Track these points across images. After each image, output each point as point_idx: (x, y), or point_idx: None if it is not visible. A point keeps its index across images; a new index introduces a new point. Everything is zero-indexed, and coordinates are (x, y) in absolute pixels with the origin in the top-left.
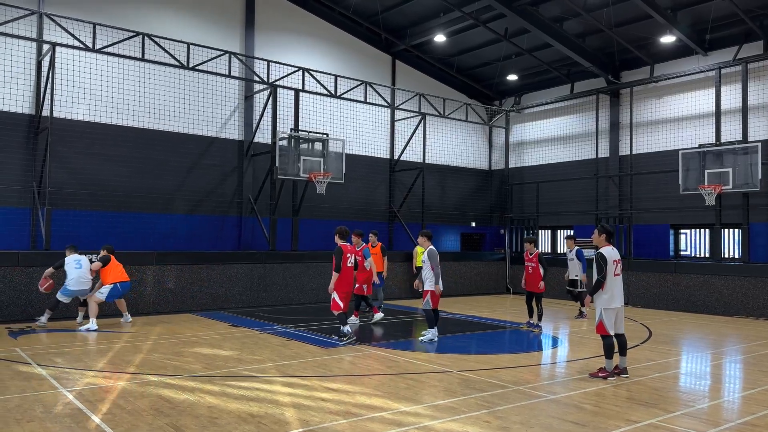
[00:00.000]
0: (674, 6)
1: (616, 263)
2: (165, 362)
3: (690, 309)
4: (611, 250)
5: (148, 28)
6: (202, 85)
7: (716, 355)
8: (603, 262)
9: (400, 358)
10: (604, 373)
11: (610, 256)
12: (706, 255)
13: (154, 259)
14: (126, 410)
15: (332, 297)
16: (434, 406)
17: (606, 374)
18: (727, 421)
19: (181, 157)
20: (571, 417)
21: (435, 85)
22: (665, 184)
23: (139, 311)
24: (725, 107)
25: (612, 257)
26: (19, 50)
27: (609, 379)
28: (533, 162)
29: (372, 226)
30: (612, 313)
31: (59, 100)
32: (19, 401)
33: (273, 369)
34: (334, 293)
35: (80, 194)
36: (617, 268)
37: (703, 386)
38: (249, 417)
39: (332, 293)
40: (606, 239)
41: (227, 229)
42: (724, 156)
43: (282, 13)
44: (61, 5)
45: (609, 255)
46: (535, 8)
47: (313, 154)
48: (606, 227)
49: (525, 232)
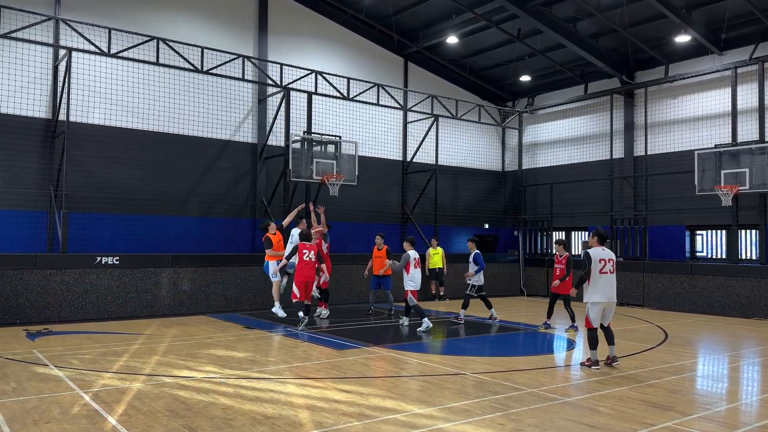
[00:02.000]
0: (689, 5)
1: (603, 262)
2: (180, 364)
3: (706, 311)
4: (600, 251)
5: (162, 33)
6: (215, 88)
7: (733, 357)
8: (588, 260)
9: (414, 360)
10: (588, 362)
11: (596, 255)
12: (722, 256)
13: (169, 261)
14: (141, 411)
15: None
16: (448, 409)
17: (590, 363)
18: (744, 425)
19: (196, 160)
20: (586, 420)
21: (447, 86)
22: (681, 185)
23: (154, 313)
24: (741, 107)
25: (598, 256)
26: (35, 55)
27: (593, 368)
28: (547, 163)
29: (384, 228)
30: (597, 307)
31: (75, 104)
32: (37, 402)
33: (287, 371)
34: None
35: (96, 197)
36: (605, 267)
37: (720, 389)
38: (263, 418)
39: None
40: (598, 241)
41: (241, 231)
42: (741, 156)
43: (294, 16)
44: (77, 11)
45: (595, 254)
46: (548, 9)
47: (326, 157)
48: (600, 231)
49: (539, 233)
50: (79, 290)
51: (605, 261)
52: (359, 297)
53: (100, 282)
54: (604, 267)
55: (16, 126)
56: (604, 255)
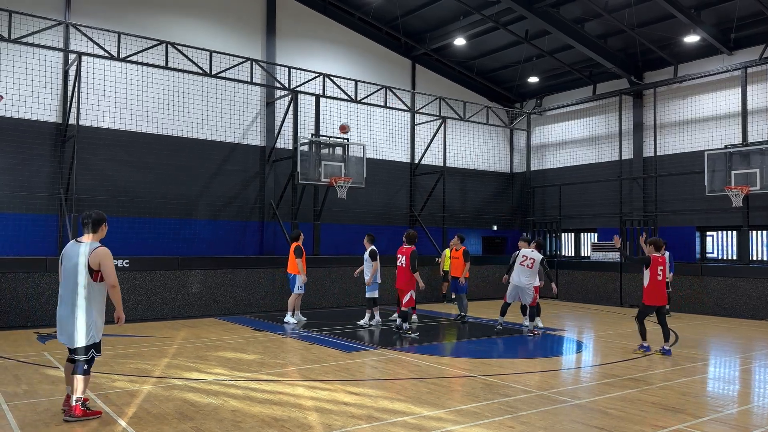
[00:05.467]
0: (698, 5)
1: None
2: (189, 366)
3: (717, 312)
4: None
5: (171, 37)
6: (224, 92)
7: (745, 359)
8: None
9: (423, 363)
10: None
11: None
12: (733, 257)
13: (178, 264)
14: (151, 414)
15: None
16: (457, 411)
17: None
18: (756, 427)
19: (204, 163)
20: (596, 422)
21: (455, 88)
22: (691, 186)
23: (164, 316)
24: (751, 107)
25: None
26: (46, 60)
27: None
28: (555, 164)
29: (393, 230)
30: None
31: (85, 108)
32: (48, 405)
33: (296, 373)
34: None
35: (106, 200)
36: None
37: (732, 391)
38: (272, 421)
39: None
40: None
41: (249, 234)
42: (751, 156)
43: (302, 19)
44: (87, 15)
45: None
46: (555, 10)
47: (334, 159)
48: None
49: (548, 235)
50: None
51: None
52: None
53: None
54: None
55: (27, 130)
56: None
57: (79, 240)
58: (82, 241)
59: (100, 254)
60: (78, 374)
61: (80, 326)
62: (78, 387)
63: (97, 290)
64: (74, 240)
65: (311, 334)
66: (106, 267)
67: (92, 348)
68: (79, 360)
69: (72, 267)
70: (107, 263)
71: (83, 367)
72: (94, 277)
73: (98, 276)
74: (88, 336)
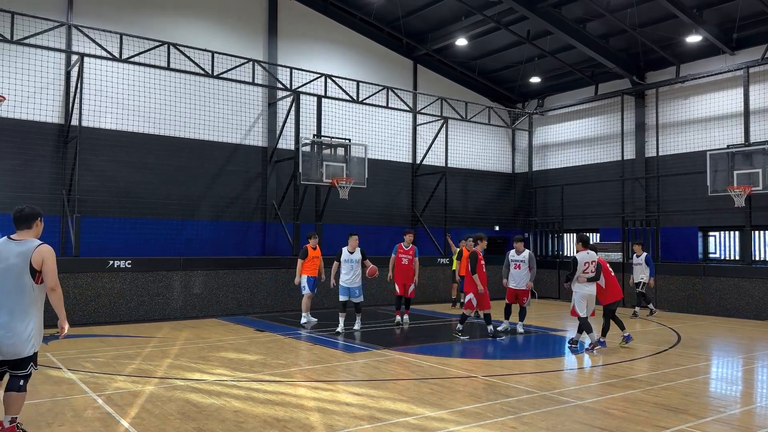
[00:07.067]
0: (700, 5)
1: (587, 264)
2: (192, 366)
3: (720, 313)
4: (585, 254)
5: (173, 38)
6: (226, 92)
7: (747, 359)
8: (574, 264)
9: (425, 363)
10: (591, 346)
11: (582, 259)
12: (735, 258)
13: (180, 264)
14: (154, 414)
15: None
16: (459, 411)
17: (592, 346)
18: (759, 427)
19: (206, 164)
20: (598, 423)
21: (457, 88)
22: (693, 186)
23: (166, 316)
24: (754, 107)
25: (583, 260)
26: (48, 61)
27: (595, 350)
28: (557, 165)
29: (394, 230)
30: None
31: (87, 109)
32: (51, 405)
33: (298, 373)
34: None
35: (108, 201)
36: (589, 269)
37: (735, 391)
38: (274, 421)
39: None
40: (582, 246)
41: (252, 234)
42: (754, 156)
43: (304, 20)
44: (89, 17)
45: (581, 258)
46: (557, 10)
47: (336, 160)
48: (582, 236)
49: (550, 235)
50: (92, 294)
51: (590, 263)
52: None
53: (113, 285)
54: (587, 268)
55: (29, 131)
56: (590, 258)
57: (13, 237)
58: (17, 238)
59: (43, 252)
60: (14, 391)
61: (24, 335)
62: (14, 405)
63: (38, 293)
64: (6, 237)
65: (313, 334)
66: (48, 267)
67: (31, 361)
68: (16, 375)
69: (8, 268)
70: (50, 263)
71: (20, 383)
72: (36, 279)
73: (40, 278)
74: (29, 345)
